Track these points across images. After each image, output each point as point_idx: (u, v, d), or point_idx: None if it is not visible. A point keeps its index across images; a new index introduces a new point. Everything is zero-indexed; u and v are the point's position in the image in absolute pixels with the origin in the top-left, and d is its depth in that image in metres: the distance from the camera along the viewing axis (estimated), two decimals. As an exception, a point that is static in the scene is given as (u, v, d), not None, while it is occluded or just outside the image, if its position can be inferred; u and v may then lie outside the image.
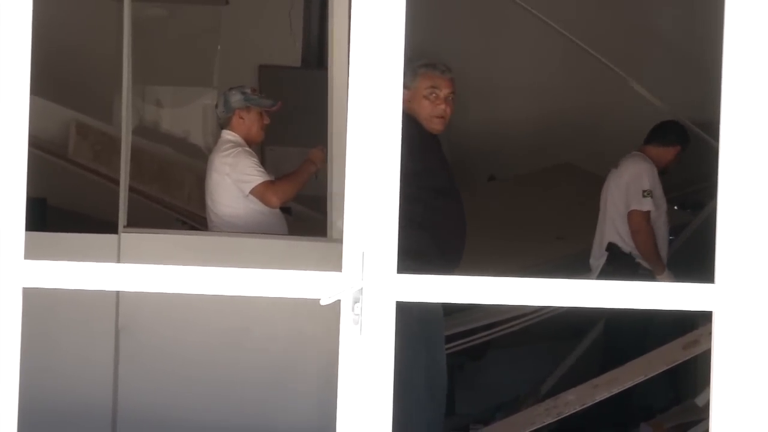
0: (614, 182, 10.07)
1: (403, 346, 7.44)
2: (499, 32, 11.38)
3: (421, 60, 7.69)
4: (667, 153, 10.15)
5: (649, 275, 9.67)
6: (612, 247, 10.01)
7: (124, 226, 8.57)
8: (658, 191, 9.98)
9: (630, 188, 9.95)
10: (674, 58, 11.34)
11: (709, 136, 10.47)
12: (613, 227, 10.02)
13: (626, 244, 9.90)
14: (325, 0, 10.50)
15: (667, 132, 10.32)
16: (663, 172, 10.10)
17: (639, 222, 9.83)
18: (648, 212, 9.83)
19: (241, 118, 8.76)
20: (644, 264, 9.84)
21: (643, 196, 9.84)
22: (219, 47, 11.95)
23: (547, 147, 11.32)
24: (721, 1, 5.27)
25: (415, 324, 7.75)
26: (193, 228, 9.60)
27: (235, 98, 8.81)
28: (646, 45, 11.44)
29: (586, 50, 10.81)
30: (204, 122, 11.84)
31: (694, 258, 8.44)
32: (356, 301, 4.84)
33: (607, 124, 11.36)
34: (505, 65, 11.46)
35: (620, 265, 9.80)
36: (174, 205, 10.17)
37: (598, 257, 10.01)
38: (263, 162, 9.05)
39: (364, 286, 4.84)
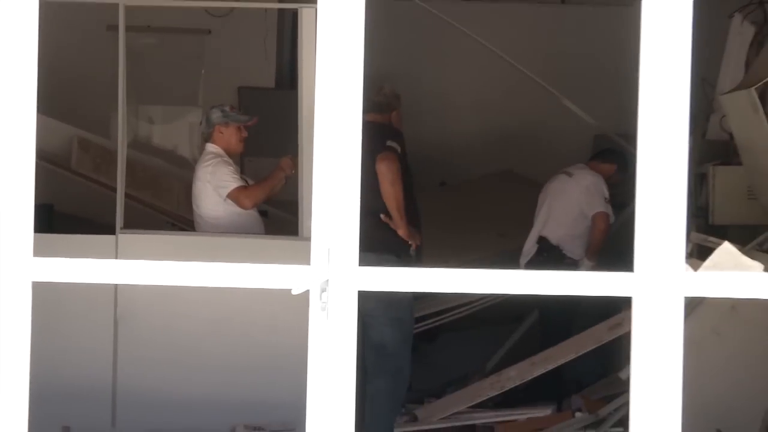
0: (570, 188, 10.11)
1: (395, 328, 7.59)
2: (449, 57, 11.38)
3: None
4: (604, 170, 10.21)
5: (573, 265, 9.74)
6: (542, 240, 10.09)
7: (121, 228, 8.62)
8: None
9: (592, 194, 10.02)
10: (599, 78, 11.35)
11: (629, 145, 10.54)
12: (555, 224, 10.08)
13: (559, 239, 9.99)
14: (295, 29, 10.53)
15: (603, 153, 10.45)
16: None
17: (603, 221, 9.94)
18: (609, 215, 9.94)
19: (221, 132, 8.89)
20: (570, 255, 9.93)
21: (606, 202, 9.94)
22: (203, 71, 11.94)
23: (490, 156, 11.35)
24: (637, 29, 5.31)
25: (403, 310, 7.82)
26: (181, 229, 9.60)
27: (216, 115, 8.94)
28: (575, 67, 11.45)
29: (524, 72, 10.86)
30: (190, 137, 11.83)
31: (617, 251, 8.48)
32: (323, 290, 4.89)
33: (543, 135, 11.40)
34: (454, 85, 11.48)
35: (550, 256, 9.89)
36: (164, 210, 10.17)
37: (528, 249, 10.10)
38: (242, 171, 9.09)
39: (330, 277, 4.88)
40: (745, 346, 8.15)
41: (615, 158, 10.36)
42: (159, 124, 11.96)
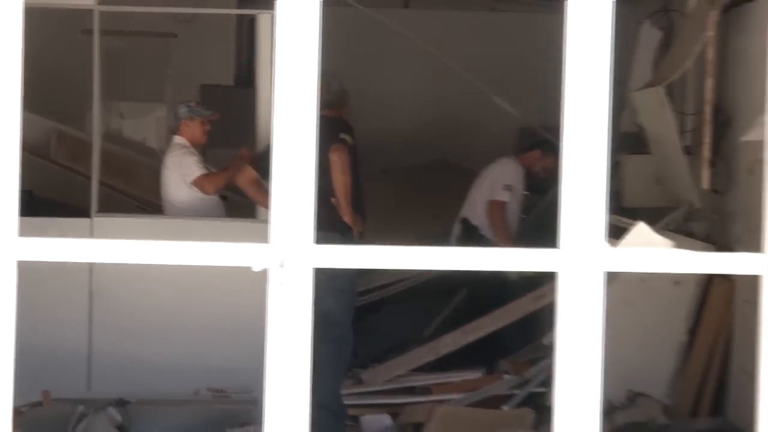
0: (486, 175, 10.17)
1: (342, 300, 7.58)
2: (391, 58, 11.39)
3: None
4: (528, 158, 10.26)
5: (490, 244, 9.77)
6: (464, 221, 10.15)
7: (96, 212, 8.56)
8: (518, 186, 10.08)
9: (495, 182, 10.06)
10: (525, 77, 11.37)
11: (553, 137, 10.55)
12: (473, 207, 10.14)
13: (476, 219, 10.04)
14: (252, 32, 10.49)
15: (525, 142, 10.49)
16: (534, 175, 10.22)
17: (494, 209, 9.95)
18: (504, 202, 9.95)
19: (187, 125, 8.96)
20: (487, 236, 9.99)
21: (503, 189, 9.95)
22: (169, 70, 11.90)
23: (427, 146, 11.35)
24: (558, 34, 5.28)
25: (347, 283, 7.82)
26: (150, 213, 9.54)
27: (182, 110, 9.01)
28: (503, 67, 11.46)
29: (457, 71, 10.85)
30: (157, 130, 11.83)
31: (542, 229, 8.48)
32: (281, 266, 4.84)
33: (474, 127, 11.40)
34: (395, 83, 11.49)
35: (470, 236, 9.96)
36: (135, 195, 10.16)
37: (455, 230, 10.18)
38: (206, 160, 9.06)
39: (287, 255, 4.84)
40: (653, 315, 8.17)
41: (537, 145, 10.39)
42: (129, 118, 11.95)
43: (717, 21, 8.45)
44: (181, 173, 8.77)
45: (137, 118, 12.00)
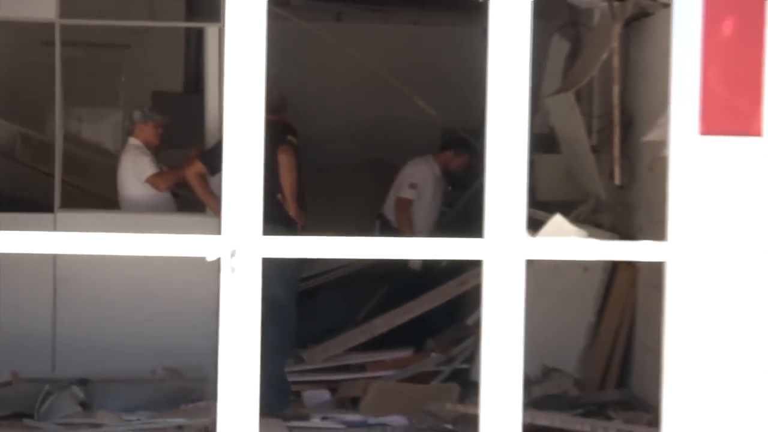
0: (399, 175, 10.22)
1: (286, 286, 7.60)
2: (327, 65, 11.34)
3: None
4: (443, 158, 10.28)
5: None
6: (381, 216, 10.21)
7: (59, 208, 8.52)
8: (427, 184, 10.11)
9: (403, 181, 10.10)
10: (447, 83, 11.40)
11: (474, 138, 10.63)
12: (388, 204, 10.22)
13: (390, 215, 10.13)
14: (199, 43, 10.47)
15: (443, 142, 10.53)
16: (451, 172, 10.23)
17: (399, 205, 10.02)
18: (409, 199, 9.97)
19: (141, 128, 8.99)
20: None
21: (409, 188, 9.98)
22: (123, 78, 11.83)
23: (360, 147, 11.36)
24: (476, 45, 5.33)
25: (291, 271, 7.85)
26: (108, 208, 9.49)
27: (137, 114, 9.07)
28: (427, 73, 11.48)
29: (386, 78, 10.90)
30: (112, 132, 11.75)
31: (464, 221, 8.55)
32: (232, 256, 4.87)
33: (402, 129, 11.38)
34: (330, 89, 11.45)
35: (384, 230, 9.99)
36: (93, 192, 10.10)
37: (377, 224, 10.23)
38: (158, 161, 9.03)
39: (238, 246, 4.86)
40: (564, 298, 8.26)
41: (448, 145, 10.44)
42: (87, 122, 11.85)
43: (619, 34, 8.55)
44: (135, 172, 8.80)
45: (94, 121, 11.93)
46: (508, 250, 4.97)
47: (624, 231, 8.20)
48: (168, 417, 7.62)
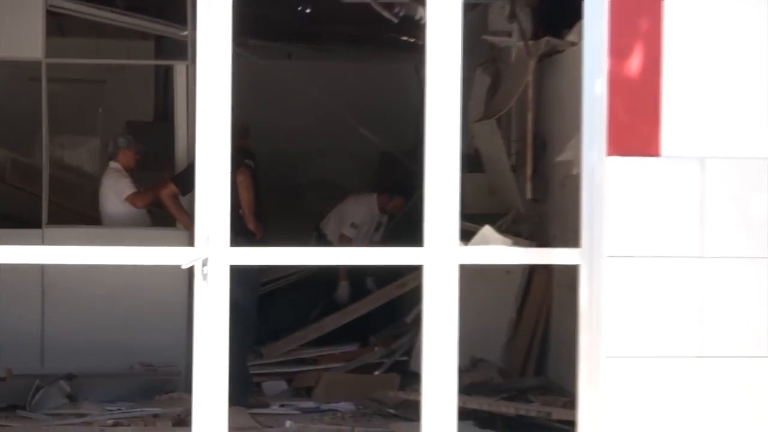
0: (343, 206, 10.18)
1: (248, 290, 7.56)
2: (282, 98, 11.28)
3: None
4: (381, 199, 10.11)
5: None
6: (318, 229, 10.23)
7: (46, 224, 8.46)
8: (366, 221, 10.07)
9: (344, 218, 10.04)
10: (386, 112, 11.40)
11: (408, 159, 10.69)
12: (327, 223, 10.21)
13: (329, 235, 10.09)
14: (168, 77, 10.45)
15: (382, 187, 10.36)
16: (386, 212, 10.21)
17: (342, 241, 9.88)
18: (349, 237, 9.90)
19: (124, 153, 8.97)
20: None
21: (350, 227, 9.94)
22: (100, 110, 11.74)
23: (308, 169, 11.31)
24: (411, 79, 5.38)
25: (253, 277, 7.83)
26: (89, 224, 9.40)
27: (121, 141, 9.09)
28: (368, 103, 11.47)
29: (331, 108, 10.94)
30: (91, 157, 11.63)
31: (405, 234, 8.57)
32: (204, 265, 4.87)
33: (344, 152, 11.36)
34: (283, 118, 11.37)
35: (321, 241, 9.95)
36: (76, 209, 10.00)
37: (314, 236, 10.20)
38: (135, 181, 8.97)
39: (209, 255, 4.86)
40: (488, 298, 8.29)
41: (388, 189, 10.26)
42: (68, 148, 11.72)
43: (534, 69, 8.63)
44: (116, 191, 8.76)
45: (75, 148, 11.78)
46: (445, 256, 5.01)
47: (540, 239, 8.26)
48: (145, 407, 7.60)
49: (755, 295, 5.10)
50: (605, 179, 5.02)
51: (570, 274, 5.52)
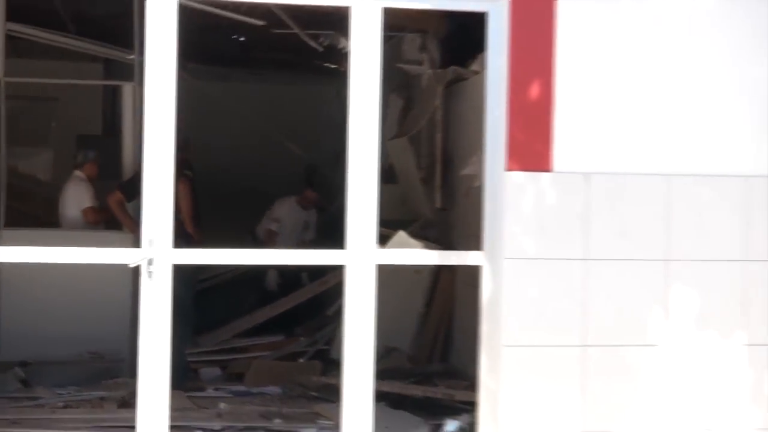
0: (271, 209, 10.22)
1: (187, 287, 7.49)
2: (219, 116, 11.21)
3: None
4: (300, 196, 10.22)
5: None
6: (252, 232, 10.32)
7: (2, 227, 8.29)
8: (287, 218, 10.12)
9: (270, 214, 10.15)
10: (311, 128, 11.40)
11: (329, 170, 10.68)
12: (261, 226, 10.25)
13: (261, 235, 10.16)
14: (115, 96, 10.35)
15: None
16: (307, 205, 10.19)
17: (266, 234, 10.06)
18: (272, 230, 10.05)
19: (91, 165, 8.82)
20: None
21: (272, 220, 10.07)
22: (53, 124, 11.55)
23: (242, 179, 11.22)
24: (337, 100, 5.39)
25: (192, 275, 7.77)
26: (42, 226, 9.23)
27: (91, 154, 8.90)
28: (296, 121, 11.47)
29: (263, 125, 10.92)
30: (44, 168, 11.42)
31: (327, 237, 8.56)
32: (150, 264, 4.84)
33: (275, 164, 11.29)
34: (220, 134, 11.27)
35: (255, 244, 9.92)
36: (32, 213, 9.80)
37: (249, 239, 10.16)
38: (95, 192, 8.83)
39: (154, 256, 4.84)
40: (400, 294, 8.31)
41: (302, 187, 10.34)
42: (24, 159, 11.50)
43: (441, 93, 8.71)
44: (78, 199, 8.58)
45: (29, 158, 11.56)
46: (364, 257, 5.05)
47: (446, 243, 8.32)
48: (92, 391, 7.51)
49: (630, 292, 5.22)
50: (504, 191, 5.11)
51: (472, 273, 5.59)
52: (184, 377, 7.57)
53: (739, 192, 5.31)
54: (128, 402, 6.59)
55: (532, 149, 5.10)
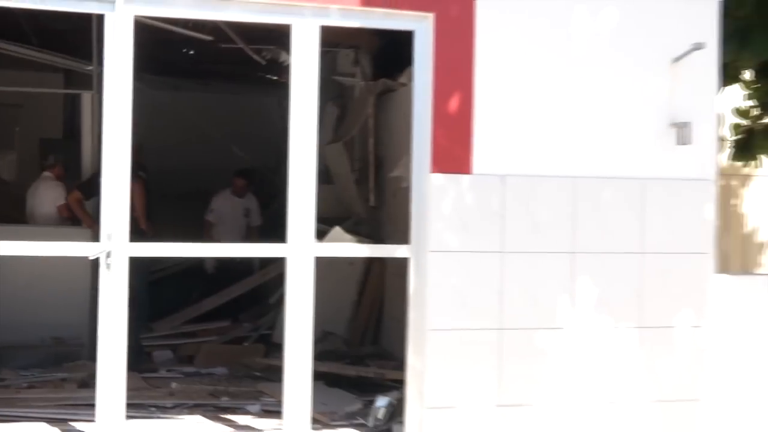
0: None
1: (141, 278, 7.37)
2: (170, 122, 10.98)
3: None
4: (232, 187, 10.00)
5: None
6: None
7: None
8: (223, 207, 9.82)
9: (208, 206, 9.87)
10: (254, 134, 11.27)
11: (271, 173, 10.63)
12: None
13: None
14: (74, 102, 10.17)
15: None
16: (237, 193, 9.93)
17: (205, 225, 9.73)
18: (209, 220, 9.73)
19: (59, 167, 8.62)
20: None
21: (209, 211, 9.77)
22: (17, 129, 11.30)
23: (190, 180, 11.04)
24: (278, 109, 5.36)
25: (145, 267, 7.65)
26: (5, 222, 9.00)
27: (59, 157, 8.71)
28: (240, 128, 11.34)
29: (211, 131, 10.82)
30: (8, 169, 11.18)
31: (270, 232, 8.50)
32: (108, 256, 4.77)
33: (219, 166, 11.08)
34: (171, 139, 11.03)
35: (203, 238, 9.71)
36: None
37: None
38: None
39: (112, 249, 4.78)
40: (336, 284, 8.29)
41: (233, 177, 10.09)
42: (-10, 161, 11.27)
43: (373, 103, 8.72)
44: (53, 197, 8.38)
45: (-4, 161, 11.34)
46: (303, 250, 5.04)
47: (377, 238, 8.33)
48: (54, 372, 7.38)
49: (541, 281, 5.27)
50: (429, 191, 5.13)
51: (400, 265, 5.61)
52: (139, 360, 7.47)
53: (637, 192, 5.40)
54: (88, 383, 6.49)
55: (453, 154, 5.13)
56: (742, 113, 7.97)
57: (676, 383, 5.47)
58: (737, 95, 8.05)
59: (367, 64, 8.94)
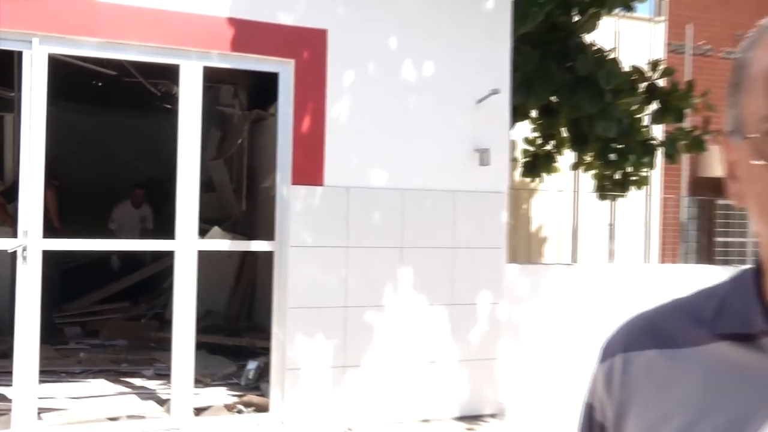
0: None
1: (54, 268, 6.99)
2: (83, 142, 10.54)
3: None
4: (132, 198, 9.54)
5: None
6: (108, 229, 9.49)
7: None
8: (123, 216, 9.23)
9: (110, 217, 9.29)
10: (151, 150, 10.93)
11: (165, 182, 10.27)
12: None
13: (111, 225, 9.20)
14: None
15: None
16: (136, 203, 9.39)
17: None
18: (111, 229, 9.01)
19: None
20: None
21: (110, 221, 9.10)
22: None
23: (102, 187, 10.57)
24: (171, 131, 5.23)
25: (57, 258, 7.23)
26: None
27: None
28: (141, 145, 10.95)
29: (116, 148, 10.39)
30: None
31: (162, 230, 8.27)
32: (24, 250, 4.54)
33: (126, 177, 10.71)
34: (82, 155, 10.60)
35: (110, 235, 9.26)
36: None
37: None
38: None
39: (28, 244, 4.55)
40: (216, 272, 8.09)
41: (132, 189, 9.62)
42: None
43: (248, 129, 8.62)
44: None
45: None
46: (188, 246, 4.94)
47: (249, 235, 8.22)
48: (-23, 346, 6.94)
49: (376, 270, 5.34)
50: (290, 199, 5.12)
51: (268, 257, 5.58)
52: (52, 335, 7.14)
53: (449, 201, 5.55)
54: (7, 354, 6.15)
55: (309, 170, 5.14)
56: (529, 142, 8.28)
57: (479, 346, 5.65)
58: (526, 128, 8.37)
59: (244, 98, 8.84)
